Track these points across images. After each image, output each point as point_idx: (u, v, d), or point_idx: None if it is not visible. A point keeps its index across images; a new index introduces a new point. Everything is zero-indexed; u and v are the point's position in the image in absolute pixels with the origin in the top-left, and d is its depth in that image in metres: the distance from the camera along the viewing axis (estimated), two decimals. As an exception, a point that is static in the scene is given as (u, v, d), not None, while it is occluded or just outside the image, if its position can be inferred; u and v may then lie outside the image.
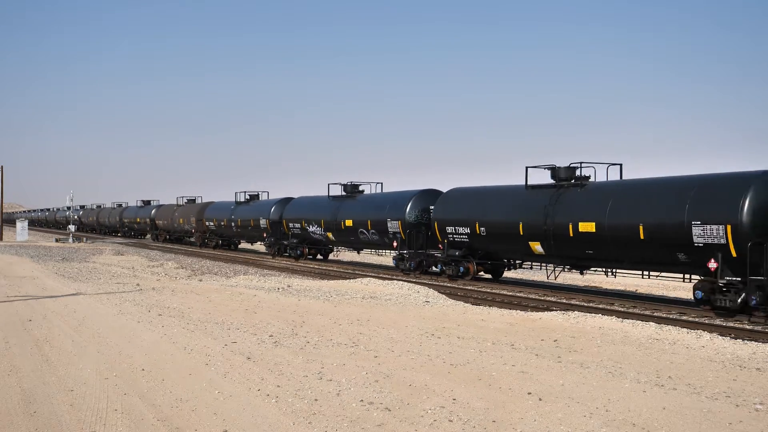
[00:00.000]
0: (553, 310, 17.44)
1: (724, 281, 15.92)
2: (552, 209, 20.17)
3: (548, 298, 20.10)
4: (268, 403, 7.86)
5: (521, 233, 21.16)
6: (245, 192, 42.94)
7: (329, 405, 7.77)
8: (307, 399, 7.99)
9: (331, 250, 36.62)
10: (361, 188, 32.61)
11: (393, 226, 27.55)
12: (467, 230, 23.53)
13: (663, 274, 19.30)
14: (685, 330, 13.75)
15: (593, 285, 26.02)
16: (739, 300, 15.65)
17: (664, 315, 16.68)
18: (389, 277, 25.95)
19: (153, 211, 58.80)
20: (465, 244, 23.91)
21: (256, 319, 14.05)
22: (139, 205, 64.92)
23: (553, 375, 9.35)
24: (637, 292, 23.82)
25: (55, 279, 23.06)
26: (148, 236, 60.61)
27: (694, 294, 16.84)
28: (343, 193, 32.43)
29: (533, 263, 24.23)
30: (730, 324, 15.30)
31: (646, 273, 19.69)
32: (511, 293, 21.35)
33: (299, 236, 35.43)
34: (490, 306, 18.40)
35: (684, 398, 8.21)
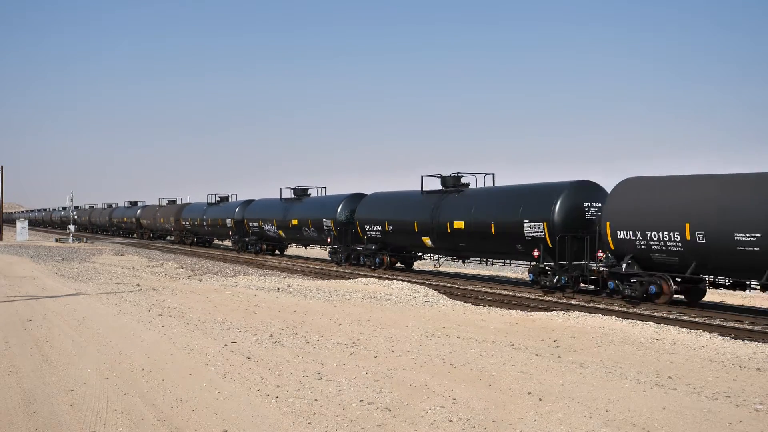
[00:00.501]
0: (553, 310, 17.45)
1: (543, 265, 20.78)
2: (437, 211, 25.31)
3: (548, 298, 20.10)
4: (268, 403, 7.86)
5: (416, 230, 26.44)
6: (216, 194, 48.38)
7: (329, 405, 7.77)
8: (307, 399, 7.99)
9: (286, 247, 42.54)
10: (309, 191, 38.34)
11: (327, 224, 32.94)
12: (380, 228, 28.78)
13: (514, 261, 24.53)
14: (685, 330, 13.75)
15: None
16: (554, 280, 20.53)
17: (664, 315, 16.68)
18: (389, 277, 26.01)
19: (138, 212, 62.75)
20: (379, 239, 29.18)
21: (256, 319, 14.05)
22: (126, 205, 69.52)
23: (553, 375, 9.35)
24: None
25: (55, 279, 23.07)
26: (135, 234, 65.28)
27: (528, 276, 21.89)
28: (293, 196, 38.09)
29: (426, 254, 29.55)
30: (731, 324, 15.32)
31: (492, 261, 25.39)
32: (511, 293, 21.37)
33: (258, 234, 40.80)
34: (490, 306, 18.41)
35: (684, 398, 8.22)
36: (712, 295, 23.72)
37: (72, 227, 58.04)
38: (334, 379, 8.95)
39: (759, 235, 15.09)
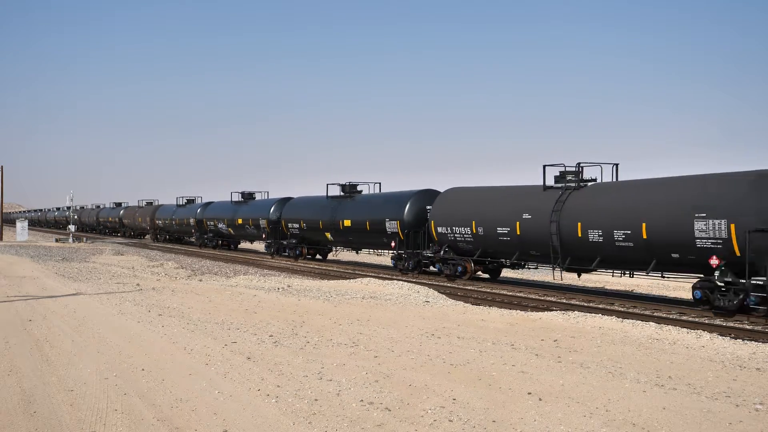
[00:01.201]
0: (553, 310, 17.45)
1: (398, 253, 27.66)
2: (335, 212, 32.19)
3: (548, 298, 20.11)
4: (268, 403, 7.86)
5: (321, 227, 33.29)
6: (183, 197, 54.46)
7: (329, 405, 7.77)
8: (307, 399, 8.00)
9: (238, 242, 48.07)
10: (255, 195, 45.24)
11: (262, 223, 39.34)
12: (298, 226, 35.54)
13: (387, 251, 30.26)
14: (685, 330, 13.75)
15: (594, 285, 26.03)
16: (406, 265, 27.30)
17: (664, 315, 16.69)
18: (389, 277, 26.01)
19: (121, 212, 69.96)
20: (298, 235, 36.02)
21: (256, 319, 14.05)
22: (111, 206, 77.09)
23: (553, 375, 9.35)
24: (634, 291, 23.83)
25: (55, 279, 23.07)
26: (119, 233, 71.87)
27: (391, 263, 28.69)
28: (241, 199, 43.07)
29: (333, 246, 35.44)
30: (730, 324, 15.33)
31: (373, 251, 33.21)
32: (511, 293, 21.38)
33: (214, 231, 48.09)
34: (490, 306, 18.41)
35: (684, 398, 8.22)
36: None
37: (72, 227, 58.10)
38: (334, 379, 8.95)
39: (509, 229, 21.99)
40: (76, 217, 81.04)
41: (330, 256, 38.44)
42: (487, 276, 26.12)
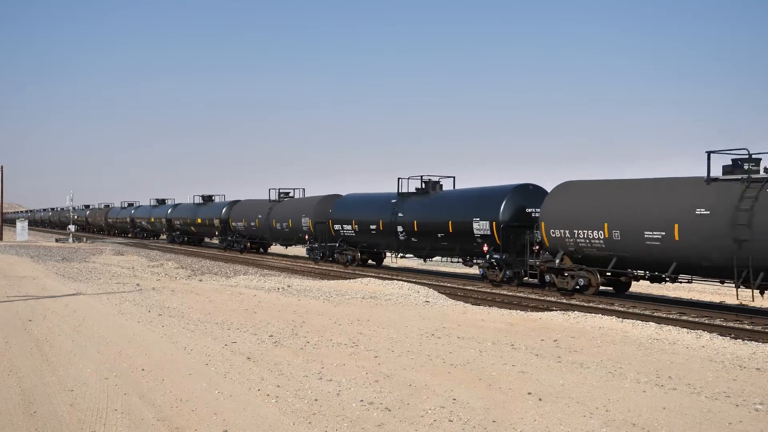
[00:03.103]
0: (553, 310, 17.45)
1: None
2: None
3: (548, 298, 20.11)
4: (268, 403, 7.86)
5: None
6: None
7: (329, 405, 7.77)
8: (307, 399, 8.00)
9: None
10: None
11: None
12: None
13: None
14: (685, 330, 13.75)
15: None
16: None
17: (664, 315, 16.68)
18: (389, 277, 26.01)
19: (87, 213, 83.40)
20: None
21: (256, 319, 14.05)
22: (80, 208, 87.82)
23: (553, 375, 9.35)
24: (636, 292, 23.82)
25: (55, 279, 23.06)
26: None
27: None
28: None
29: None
30: (730, 324, 15.33)
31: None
32: (511, 293, 21.38)
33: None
34: (490, 306, 18.41)
35: (684, 398, 8.21)
36: (711, 295, 23.75)
37: (72, 227, 58.09)
38: (334, 379, 8.95)
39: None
40: (56, 218, 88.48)
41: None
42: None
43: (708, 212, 16.38)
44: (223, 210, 45.46)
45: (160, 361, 9.97)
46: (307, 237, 34.82)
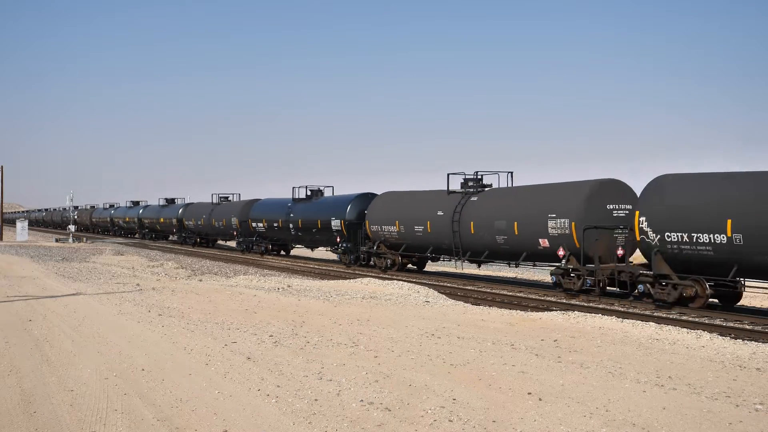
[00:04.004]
0: (553, 310, 17.45)
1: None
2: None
3: (548, 298, 20.11)
4: (268, 403, 7.86)
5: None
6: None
7: (329, 405, 7.77)
8: (307, 399, 8.00)
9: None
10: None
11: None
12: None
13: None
14: (685, 330, 13.75)
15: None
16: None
17: (664, 315, 16.68)
18: (389, 277, 26.02)
19: (75, 213, 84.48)
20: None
21: (256, 319, 14.05)
22: (71, 209, 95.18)
23: (553, 375, 9.35)
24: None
25: (55, 279, 23.07)
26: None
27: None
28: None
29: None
30: (730, 324, 15.33)
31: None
32: (511, 293, 21.38)
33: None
34: (490, 306, 18.41)
35: (684, 398, 8.22)
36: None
37: (72, 227, 58.10)
38: (334, 379, 8.95)
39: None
40: (49, 218, 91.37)
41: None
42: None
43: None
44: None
45: (160, 361, 9.97)
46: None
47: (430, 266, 32.42)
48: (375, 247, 29.16)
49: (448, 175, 25.43)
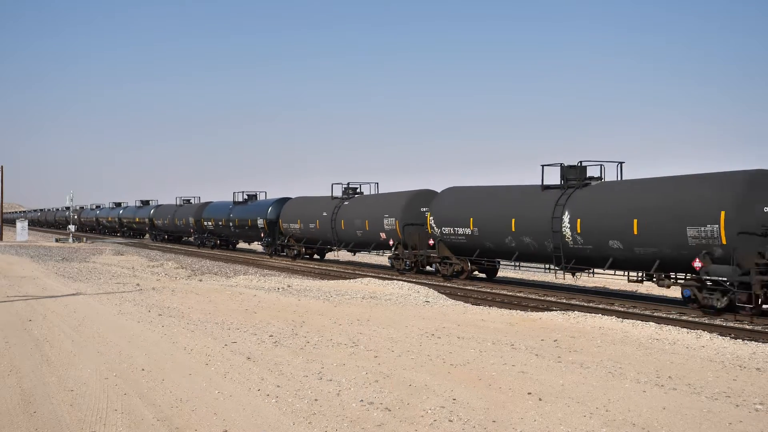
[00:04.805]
0: (553, 310, 17.45)
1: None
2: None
3: (548, 298, 20.12)
4: (268, 403, 7.86)
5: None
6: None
7: (329, 405, 7.77)
8: (307, 399, 8.00)
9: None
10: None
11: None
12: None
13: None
14: (685, 330, 13.75)
15: (594, 285, 26.03)
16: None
17: (664, 315, 16.69)
18: (389, 277, 26.02)
19: (68, 213, 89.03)
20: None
21: (256, 319, 14.05)
22: (62, 209, 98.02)
23: (553, 375, 9.35)
24: (637, 292, 23.83)
25: (55, 279, 23.07)
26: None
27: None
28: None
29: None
30: (730, 324, 15.33)
31: None
32: (511, 293, 21.38)
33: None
34: (490, 306, 18.41)
35: (684, 398, 8.22)
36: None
37: (72, 227, 58.12)
38: (334, 379, 8.95)
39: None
40: (43, 218, 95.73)
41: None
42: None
43: None
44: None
45: (160, 361, 9.97)
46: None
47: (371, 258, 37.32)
48: (286, 240, 37.26)
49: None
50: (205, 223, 47.55)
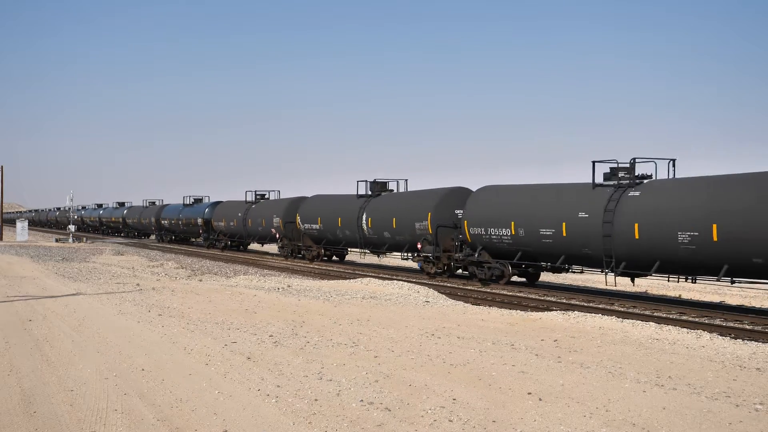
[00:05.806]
0: (553, 310, 17.45)
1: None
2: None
3: (548, 298, 20.11)
4: (268, 403, 7.86)
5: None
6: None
7: (329, 405, 7.77)
8: (307, 399, 8.00)
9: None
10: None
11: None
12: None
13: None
14: (685, 330, 13.75)
15: (592, 285, 26.03)
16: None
17: (664, 315, 16.69)
18: (389, 277, 26.01)
19: (57, 214, 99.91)
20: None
21: (256, 319, 14.05)
22: (54, 210, 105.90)
23: (553, 375, 9.35)
24: (647, 292, 23.83)
25: (55, 279, 23.07)
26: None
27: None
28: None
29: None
30: (730, 324, 15.34)
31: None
32: (511, 293, 21.37)
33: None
34: (490, 306, 18.41)
35: (684, 398, 8.22)
36: (711, 295, 23.77)
37: (72, 227, 58.13)
38: (334, 379, 8.95)
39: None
40: (38, 218, 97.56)
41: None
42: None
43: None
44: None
45: (160, 361, 9.97)
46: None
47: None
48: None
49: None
50: (163, 221, 56.46)
